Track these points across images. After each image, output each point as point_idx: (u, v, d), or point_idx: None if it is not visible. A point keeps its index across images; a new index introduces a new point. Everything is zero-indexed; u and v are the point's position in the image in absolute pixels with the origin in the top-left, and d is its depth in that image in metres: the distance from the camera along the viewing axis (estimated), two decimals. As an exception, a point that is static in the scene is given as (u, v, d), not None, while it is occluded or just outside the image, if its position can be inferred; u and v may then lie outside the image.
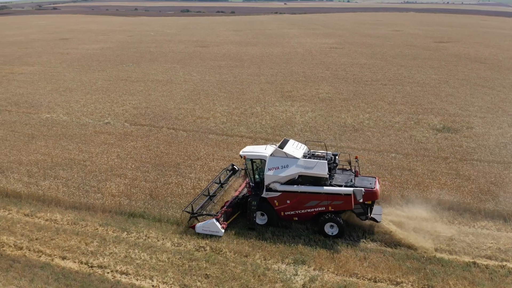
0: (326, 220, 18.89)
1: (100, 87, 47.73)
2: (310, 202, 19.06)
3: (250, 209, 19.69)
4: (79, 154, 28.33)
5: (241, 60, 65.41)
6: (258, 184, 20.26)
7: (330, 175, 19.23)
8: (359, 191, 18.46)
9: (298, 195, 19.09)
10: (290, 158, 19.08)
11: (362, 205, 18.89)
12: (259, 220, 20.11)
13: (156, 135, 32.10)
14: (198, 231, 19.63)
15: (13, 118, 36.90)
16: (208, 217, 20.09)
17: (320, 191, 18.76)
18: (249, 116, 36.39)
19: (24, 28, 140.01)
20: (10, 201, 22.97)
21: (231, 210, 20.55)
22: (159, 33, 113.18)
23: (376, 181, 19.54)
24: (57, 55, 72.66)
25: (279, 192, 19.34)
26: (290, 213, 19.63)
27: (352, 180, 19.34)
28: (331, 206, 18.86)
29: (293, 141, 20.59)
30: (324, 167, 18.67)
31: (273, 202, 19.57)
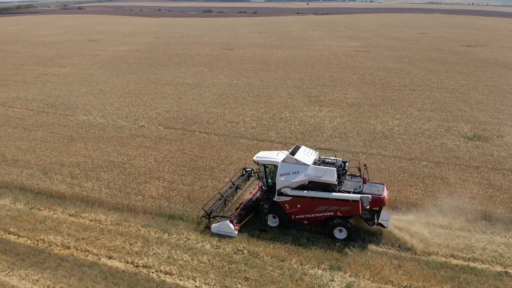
0: (335, 224, 19.82)
1: (132, 90, 49.20)
2: (319, 207, 19.98)
3: (262, 212, 20.89)
4: (118, 157, 29.55)
5: (267, 63, 66.13)
6: (270, 188, 21.31)
7: (339, 182, 20.14)
8: (366, 197, 19.21)
9: (308, 200, 20.05)
10: (300, 165, 20.06)
11: (370, 211, 19.60)
12: (271, 223, 21.16)
13: (190, 139, 33.11)
14: (214, 231, 20.79)
15: (51, 119, 38.54)
16: (222, 218, 21.19)
17: (329, 197, 19.67)
18: (278, 121, 37.07)
19: (52, 28, 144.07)
20: (54, 201, 24.26)
21: (245, 213, 21.62)
22: (184, 35, 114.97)
23: (384, 188, 20.23)
24: (88, 57, 74.87)
25: (290, 196, 20.35)
26: (300, 217, 20.62)
27: (360, 187, 20.05)
28: (339, 211, 19.73)
29: (304, 147, 21.56)
30: (333, 174, 19.54)
31: (284, 206, 20.61)
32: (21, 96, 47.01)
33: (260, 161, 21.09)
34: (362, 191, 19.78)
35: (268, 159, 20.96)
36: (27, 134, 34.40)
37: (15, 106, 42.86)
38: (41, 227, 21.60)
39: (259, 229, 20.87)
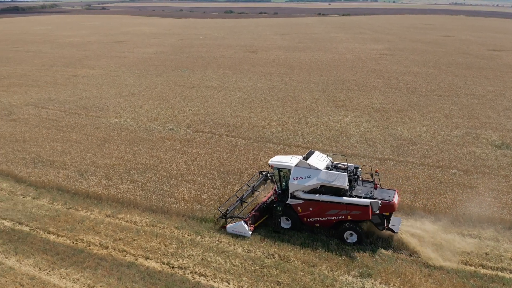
0: (345, 228, 20.47)
1: (160, 93, 50.34)
2: (330, 211, 20.66)
3: (276, 214, 21.72)
4: (149, 159, 30.49)
5: (290, 66, 66.53)
6: (284, 192, 22.08)
7: (350, 187, 20.70)
8: (376, 203, 19.67)
9: (319, 203, 20.77)
10: (313, 169, 20.77)
11: (380, 216, 20.14)
12: (284, 224, 21.97)
13: (218, 143, 33.84)
14: (229, 231, 21.75)
15: (83, 121, 39.88)
16: (238, 219, 22.09)
17: (340, 201, 20.29)
18: (304, 125, 37.47)
19: (78, 29, 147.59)
20: (91, 202, 25.29)
21: (259, 214, 22.48)
22: (207, 37, 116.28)
23: (395, 194, 20.72)
24: (115, 59, 76.70)
25: (303, 200, 21.10)
26: (312, 220, 21.35)
27: (371, 192, 20.65)
28: (350, 215, 20.33)
29: (318, 153, 22.33)
30: (344, 179, 20.15)
31: (297, 208, 21.39)
32: (53, 97, 48.68)
33: (274, 165, 21.98)
34: (373, 196, 20.36)
35: (282, 163, 21.78)
36: (61, 136, 35.74)
37: (48, 107, 44.44)
38: (79, 227, 22.61)
39: (272, 231, 21.75)
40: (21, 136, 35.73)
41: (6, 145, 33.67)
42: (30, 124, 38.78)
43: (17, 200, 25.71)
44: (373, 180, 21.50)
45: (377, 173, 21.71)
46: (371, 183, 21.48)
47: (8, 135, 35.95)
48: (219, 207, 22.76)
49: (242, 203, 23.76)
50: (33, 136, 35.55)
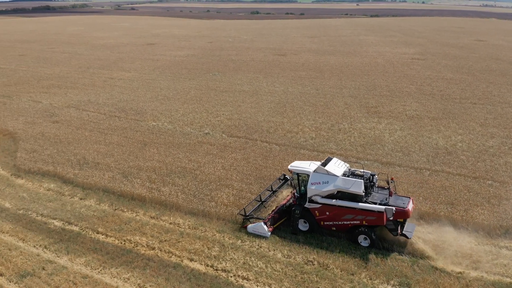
0: (360, 232, 21.48)
1: (194, 97, 51.65)
2: (346, 215, 21.63)
3: (294, 216, 22.86)
4: (188, 163, 31.63)
5: (320, 70, 66.86)
6: (302, 196, 23.14)
7: (366, 193, 21.60)
8: (390, 209, 20.57)
9: (336, 208, 21.76)
10: (330, 175, 21.79)
11: (394, 222, 20.97)
12: (302, 227, 23.05)
13: (252, 148, 34.70)
14: (249, 231, 22.99)
15: (123, 124, 41.47)
16: (258, 220, 23.34)
17: (355, 207, 21.26)
18: (337, 132, 37.90)
19: (110, 30, 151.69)
20: (136, 204, 26.54)
21: (278, 216, 23.67)
22: (236, 39, 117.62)
23: (409, 201, 21.52)
24: (148, 61, 78.79)
25: (320, 204, 22.19)
26: (329, 223, 22.39)
27: (386, 199, 21.52)
28: (365, 220, 21.25)
29: (336, 159, 23.34)
30: (360, 186, 21.10)
31: (314, 212, 22.48)
32: (92, 99, 50.68)
33: (293, 170, 23.14)
34: (388, 203, 21.21)
35: (301, 168, 22.92)
36: (103, 138, 37.36)
37: (88, 110, 46.35)
38: (126, 228, 23.85)
39: (291, 232, 22.88)
40: (65, 137, 37.54)
41: (52, 147, 35.50)
42: (73, 126, 40.63)
43: (65, 200, 27.23)
44: (388, 187, 22.37)
45: (392, 180, 22.56)
46: (387, 190, 22.32)
47: (52, 137, 37.83)
48: (244, 207, 24.12)
49: (262, 204, 25.03)
50: (77, 138, 37.30)
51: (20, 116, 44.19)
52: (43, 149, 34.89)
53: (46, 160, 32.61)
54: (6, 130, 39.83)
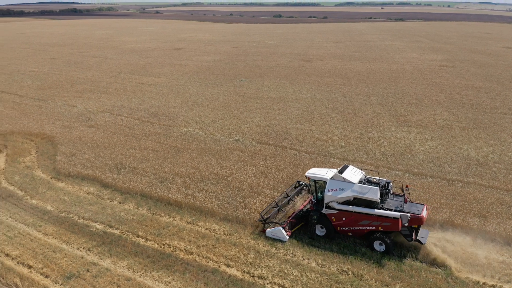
0: (375, 238, 22.17)
1: (222, 103, 52.64)
2: (362, 221, 22.36)
3: (311, 222, 23.68)
4: (221, 170, 32.47)
5: (347, 77, 66.97)
6: (319, 202, 23.98)
7: (381, 200, 22.31)
8: (405, 216, 21.33)
9: (352, 214, 22.54)
10: (347, 183, 22.59)
11: (409, 228, 21.66)
12: (319, 232, 23.85)
13: (282, 156, 35.29)
14: (268, 235, 23.88)
15: (156, 129, 42.71)
16: (276, 224, 24.25)
17: (371, 213, 22.01)
18: (367, 141, 38.12)
19: (137, 34, 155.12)
20: (172, 209, 27.48)
21: (296, 221, 24.51)
22: (261, 44, 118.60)
23: (423, 208, 22.14)
24: (176, 66, 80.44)
25: (337, 210, 22.96)
26: (345, 229, 23.12)
27: (401, 206, 22.23)
28: (380, 226, 21.99)
29: (352, 167, 24.13)
30: (376, 193, 21.82)
31: (331, 218, 23.25)
32: (125, 105, 52.26)
33: (311, 177, 23.93)
34: (403, 209, 21.94)
35: (319, 175, 23.72)
36: (138, 143, 38.62)
37: (122, 115, 47.86)
38: (165, 232, 24.78)
39: (308, 237, 23.69)
40: (102, 142, 38.97)
41: (89, 151, 36.94)
42: (108, 131, 42.10)
43: (105, 204, 28.40)
44: (403, 194, 23.02)
45: (407, 188, 23.34)
46: (402, 197, 22.98)
47: (89, 141, 39.32)
48: (261, 212, 25.08)
49: (280, 210, 25.79)
50: (113, 143, 38.67)
51: (57, 120, 46.01)
52: (81, 153, 36.34)
53: (85, 164, 34.01)
54: (44, 134, 41.57)
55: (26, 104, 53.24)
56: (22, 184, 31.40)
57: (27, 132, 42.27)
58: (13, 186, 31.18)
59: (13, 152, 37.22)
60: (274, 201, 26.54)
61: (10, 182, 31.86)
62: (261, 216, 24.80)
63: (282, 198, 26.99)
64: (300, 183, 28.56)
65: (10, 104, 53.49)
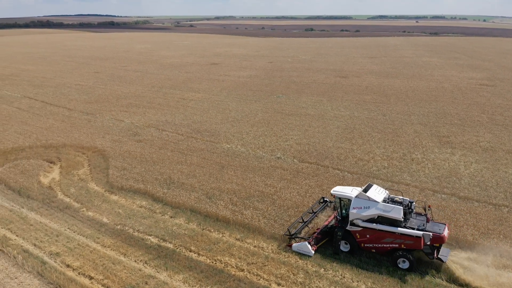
0: (399, 255, 22.92)
1: (262, 119, 53.78)
2: (386, 239, 23.23)
3: (336, 238, 24.66)
4: (265, 188, 33.35)
5: (385, 95, 66.92)
6: (344, 218, 24.92)
7: (405, 219, 23.07)
8: (427, 235, 22.09)
9: (376, 232, 23.41)
10: (371, 201, 23.47)
11: (431, 247, 22.41)
12: (343, 248, 24.75)
13: (325, 175, 35.81)
14: (294, 250, 25.02)
15: (200, 145, 44.16)
16: (302, 239, 25.40)
17: (395, 231, 22.88)
18: (410, 162, 38.13)
19: (175, 49, 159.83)
20: (221, 225, 28.48)
21: (321, 237, 25.59)
22: (295, 59, 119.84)
23: (445, 228, 22.90)
24: (215, 82, 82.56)
25: (361, 227, 23.85)
26: (369, 246, 23.99)
27: (424, 225, 23.01)
28: (403, 244, 22.82)
29: (376, 186, 25.04)
30: (399, 212, 22.70)
31: (355, 234, 24.17)
32: (169, 120, 54.21)
33: (336, 194, 24.97)
34: (425, 228, 22.72)
35: (344, 193, 24.70)
36: (184, 159, 40.09)
37: (167, 130, 49.71)
38: (216, 248, 25.76)
39: (333, 252, 24.67)
40: (150, 157, 40.69)
41: (139, 165, 38.66)
42: (155, 146, 43.89)
43: (158, 218, 29.73)
44: (426, 214, 23.84)
45: (430, 208, 24.29)
46: (424, 216, 23.75)
47: (138, 156, 41.13)
48: (288, 227, 26.27)
49: (306, 225, 26.94)
50: (160, 158, 40.31)
51: (106, 134, 48.31)
52: (132, 167, 38.10)
53: (136, 178, 35.66)
54: (95, 147, 43.76)
55: (75, 117, 56.10)
56: (77, 196, 33.27)
57: (78, 145, 44.62)
58: (69, 198, 33.07)
59: (67, 165, 39.40)
60: (301, 216, 27.67)
61: (66, 194, 33.79)
62: (288, 230, 26.03)
63: (308, 213, 28.19)
64: (324, 199, 29.78)
65: (60, 117, 56.50)
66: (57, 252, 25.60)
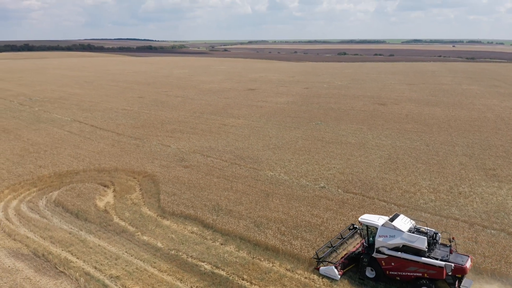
0: (422, 284, 23.62)
1: (302, 147, 54.64)
2: (410, 267, 24.02)
3: (362, 264, 25.75)
4: (312, 218, 33.92)
5: (427, 124, 66.49)
6: (370, 246, 25.90)
7: (429, 249, 23.87)
8: (449, 266, 22.81)
9: (401, 260, 24.28)
10: (397, 230, 24.41)
11: (453, 277, 23.02)
12: (369, 274, 25.66)
13: (371, 207, 36.02)
14: (321, 273, 26.15)
15: (244, 172, 45.37)
16: (330, 264, 26.52)
17: (418, 261, 23.65)
18: (457, 195, 37.81)
19: (212, 74, 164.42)
20: (271, 254, 29.17)
21: (348, 262, 26.61)
22: (331, 85, 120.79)
23: (468, 260, 23.59)
24: (253, 108, 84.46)
25: (386, 255, 24.76)
26: (394, 273, 24.80)
27: (447, 256, 23.69)
28: (426, 273, 23.53)
29: (402, 216, 26.04)
30: (423, 242, 23.49)
31: (381, 262, 25.09)
32: (213, 146, 55.97)
33: (363, 222, 26.13)
34: (448, 259, 23.38)
35: (371, 221, 25.85)
36: (230, 185, 41.32)
37: (211, 156, 51.34)
38: (267, 278, 26.43)
39: (358, 278, 25.61)
40: (197, 183, 42.17)
41: (188, 191, 40.15)
42: (202, 172, 45.44)
43: (209, 244, 30.79)
44: (450, 245, 24.51)
45: (453, 239, 24.90)
46: (448, 247, 24.45)
47: (186, 181, 42.70)
48: (317, 250, 27.46)
49: (334, 250, 27.97)
50: (207, 184, 41.72)
51: (155, 159, 50.42)
52: (181, 192, 39.63)
53: (186, 204, 37.06)
54: (146, 172, 45.76)
55: (124, 142, 58.81)
56: (132, 220, 34.90)
57: (129, 169, 46.79)
58: (124, 222, 34.73)
59: (120, 189, 41.38)
60: (329, 241, 28.65)
61: (121, 218, 35.51)
62: (316, 254, 27.06)
63: (337, 238, 29.11)
64: (354, 226, 30.40)
65: (110, 141, 59.38)
66: (117, 276, 26.97)
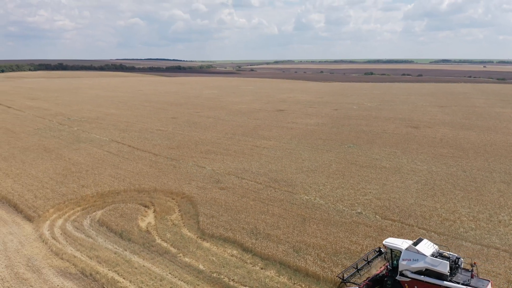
0: None
1: (336, 171, 54.83)
2: None
3: (386, 286, 26.17)
4: (351, 245, 34.00)
5: (462, 148, 65.57)
6: (394, 269, 26.42)
7: (451, 273, 24.39)
8: None
9: (423, 283, 24.64)
10: (420, 254, 24.97)
11: None
12: None
13: (410, 234, 35.72)
14: None
15: (279, 195, 45.88)
16: (354, 285, 26.84)
17: (440, 284, 24.05)
18: (497, 224, 37.14)
19: (241, 94, 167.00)
20: (312, 280, 29.42)
21: (372, 284, 26.77)
22: (361, 107, 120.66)
23: (488, 284, 24.09)
24: (284, 129, 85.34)
25: (409, 278, 25.20)
26: None
27: (469, 280, 24.25)
28: None
29: (426, 240, 26.56)
30: (446, 266, 24.09)
31: (404, 285, 25.50)
32: (247, 168, 56.88)
33: (388, 245, 26.78)
34: (469, 284, 23.88)
35: (395, 245, 26.46)
36: (266, 208, 41.91)
37: (246, 178, 52.18)
38: (309, 304, 26.72)
39: None
40: (234, 205, 42.96)
41: (226, 213, 40.96)
42: (237, 194, 46.27)
43: (249, 268, 31.30)
44: (471, 269, 25.13)
45: (475, 264, 25.65)
46: (470, 272, 25.02)
47: (223, 203, 43.57)
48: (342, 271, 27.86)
49: (359, 271, 28.15)
50: (244, 207, 42.44)
51: (191, 180, 51.67)
52: (219, 215, 40.48)
53: (225, 227, 37.82)
54: (183, 193, 46.94)
55: (161, 162, 60.52)
56: (174, 241, 35.86)
57: (168, 190, 48.12)
58: (166, 243, 35.71)
59: (160, 210, 42.60)
60: (355, 262, 28.73)
61: (163, 239, 36.54)
62: (342, 273, 27.42)
63: (362, 260, 29.34)
64: (380, 250, 30.47)
65: (147, 162, 61.20)
66: (164, 297, 27.83)
